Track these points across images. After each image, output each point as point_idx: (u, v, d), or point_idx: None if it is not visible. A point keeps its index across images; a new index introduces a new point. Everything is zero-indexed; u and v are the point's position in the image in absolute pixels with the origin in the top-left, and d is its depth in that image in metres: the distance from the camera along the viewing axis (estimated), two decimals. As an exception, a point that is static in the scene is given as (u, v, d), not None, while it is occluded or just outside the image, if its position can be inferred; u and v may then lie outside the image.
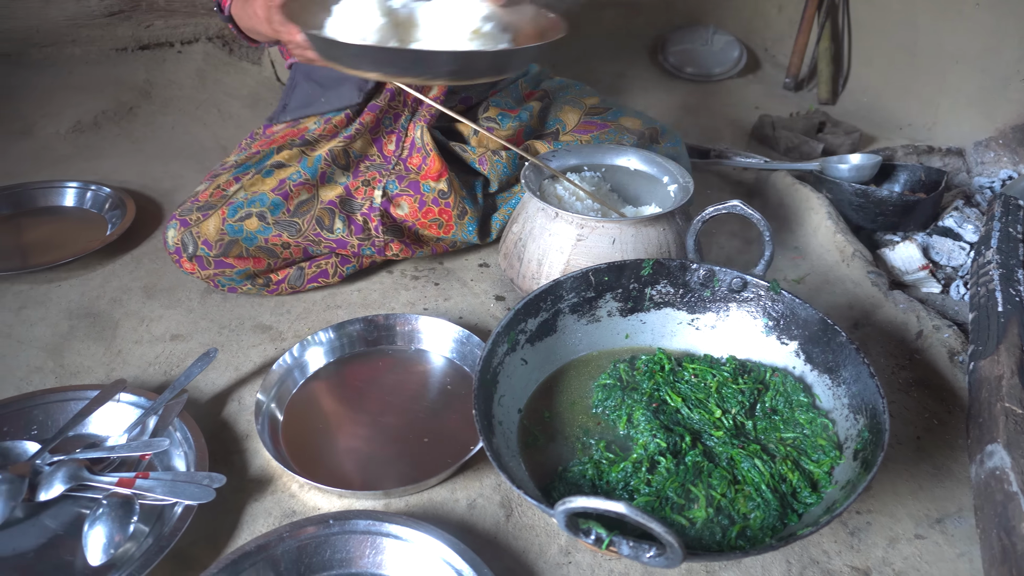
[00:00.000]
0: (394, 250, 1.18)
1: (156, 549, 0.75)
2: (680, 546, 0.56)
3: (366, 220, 1.14)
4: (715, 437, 0.79)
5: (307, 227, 1.12)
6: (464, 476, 0.88)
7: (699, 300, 0.94)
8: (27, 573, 0.76)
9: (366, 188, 1.15)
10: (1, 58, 2.04)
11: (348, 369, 1.02)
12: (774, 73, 2.14)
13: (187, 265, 1.12)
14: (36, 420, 0.93)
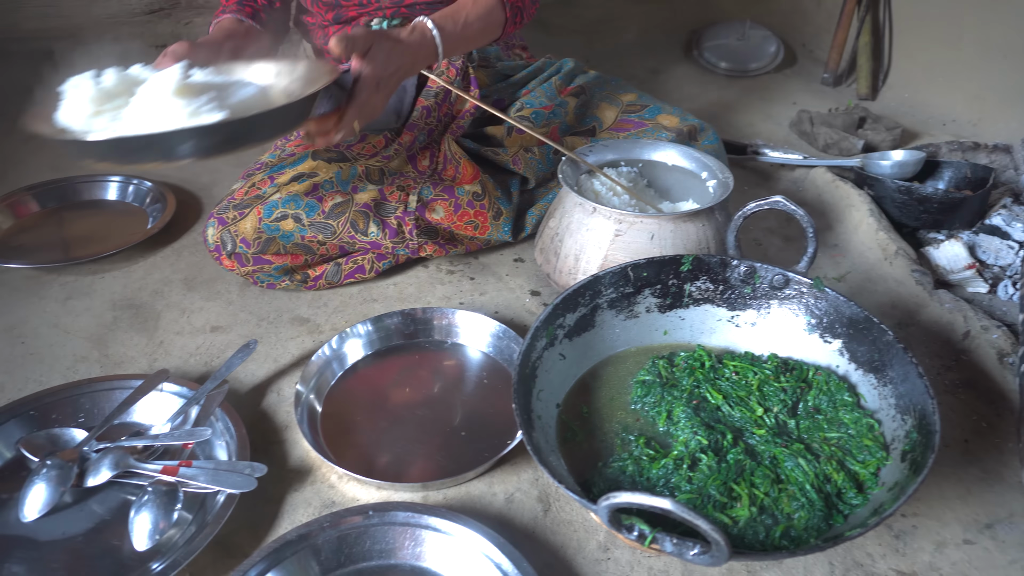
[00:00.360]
0: (428, 251, 1.19)
1: (200, 536, 0.76)
2: (726, 544, 0.55)
3: (400, 224, 1.15)
4: (757, 435, 0.78)
5: (342, 229, 1.13)
6: (501, 470, 0.88)
7: (739, 297, 0.93)
8: (76, 556, 0.78)
9: (400, 192, 1.16)
10: (46, 55, 2.09)
11: (386, 362, 1.03)
12: (812, 68, 2.10)
13: (227, 262, 1.14)
14: (83, 408, 0.95)
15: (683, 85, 2.01)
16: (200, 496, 0.83)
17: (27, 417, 0.92)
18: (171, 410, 0.93)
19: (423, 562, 0.76)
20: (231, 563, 0.77)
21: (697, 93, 1.96)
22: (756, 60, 2.10)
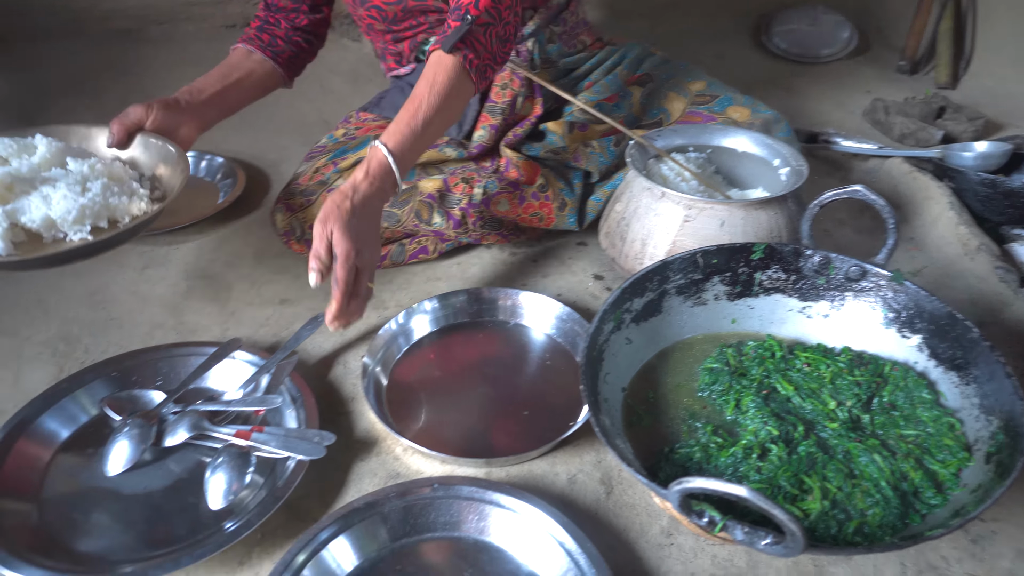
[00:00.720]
0: (491, 240, 1.21)
1: (271, 499, 0.78)
2: (803, 535, 0.54)
3: (464, 215, 1.15)
4: (829, 429, 0.77)
5: (406, 218, 1.14)
6: (564, 451, 0.88)
7: (812, 288, 0.91)
8: (156, 511, 0.81)
9: (465, 184, 1.16)
10: (123, 34, 2.16)
11: (450, 339, 1.04)
12: (887, 55, 2.03)
13: (296, 247, 1.17)
14: (160, 372, 0.99)
15: (750, 72, 1.96)
16: (271, 462, 0.86)
17: (109, 378, 0.96)
18: (243, 377, 0.96)
19: (487, 536, 0.77)
20: (300, 526, 0.80)
21: (765, 80, 1.91)
22: (828, 46, 2.03)
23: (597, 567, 0.70)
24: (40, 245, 0.91)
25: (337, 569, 0.73)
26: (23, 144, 1.00)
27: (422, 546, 0.76)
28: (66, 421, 0.91)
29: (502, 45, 0.98)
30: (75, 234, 0.91)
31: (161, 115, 1.04)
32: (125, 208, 0.95)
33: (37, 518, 0.80)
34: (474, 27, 0.93)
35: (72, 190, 0.91)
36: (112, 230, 0.93)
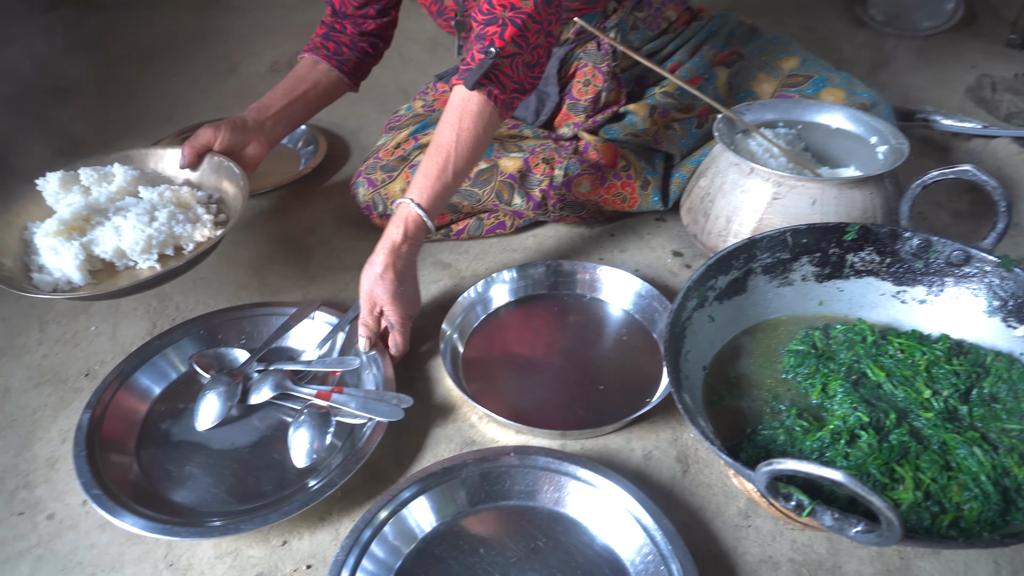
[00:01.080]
0: (570, 221, 1.20)
1: (353, 459, 0.81)
2: (901, 525, 0.52)
3: (544, 196, 1.15)
4: (923, 418, 0.73)
5: (486, 198, 1.15)
6: (640, 427, 0.88)
7: (908, 271, 0.87)
8: (244, 466, 0.85)
9: (546, 165, 1.15)
10: (210, 2, 2.22)
11: (527, 310, 1.04)
12: (995, 28, 1.89)
13: (377, 220, 1.19)
14: (244, 330, 1.03)
15: (843, 45, 1.86)
16: (348, 426, 0.88)
17: (197, 336, 1.01)
18: (320, 337, 0.98)
19: (562, 507, 0.77)
20: (378, 487, 0.82)
21: (859, 55, 1.81)
22: (930, 18, 1.91)
23: (674, 544, 0.70)
24: (113, 273, 0.97)
25: (416, 528, 0.75)
26: (103, 173, 1.05)
27: (498, 513, 0.77)
28: (158, 377, 0.96)
29: (530, 71, 0.93)
30: (143, 262, 0.96)
31: (229, 136, 1.06)
32: (189, 235, 0.98)
33: (136, 470, 0.85)
34: (499, 60, 0.89)
35: (141, 220, 0.96)
36: (177, 258, 0.97)
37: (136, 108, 1.71)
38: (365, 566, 0.71)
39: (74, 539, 0.78)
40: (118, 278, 0.96)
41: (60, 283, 0.93)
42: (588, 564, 0.72)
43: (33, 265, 0.95)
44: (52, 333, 1.06)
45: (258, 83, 1.83)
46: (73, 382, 0.98)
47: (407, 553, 0.73)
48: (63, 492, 0.83)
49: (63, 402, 0.95)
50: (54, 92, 1.76)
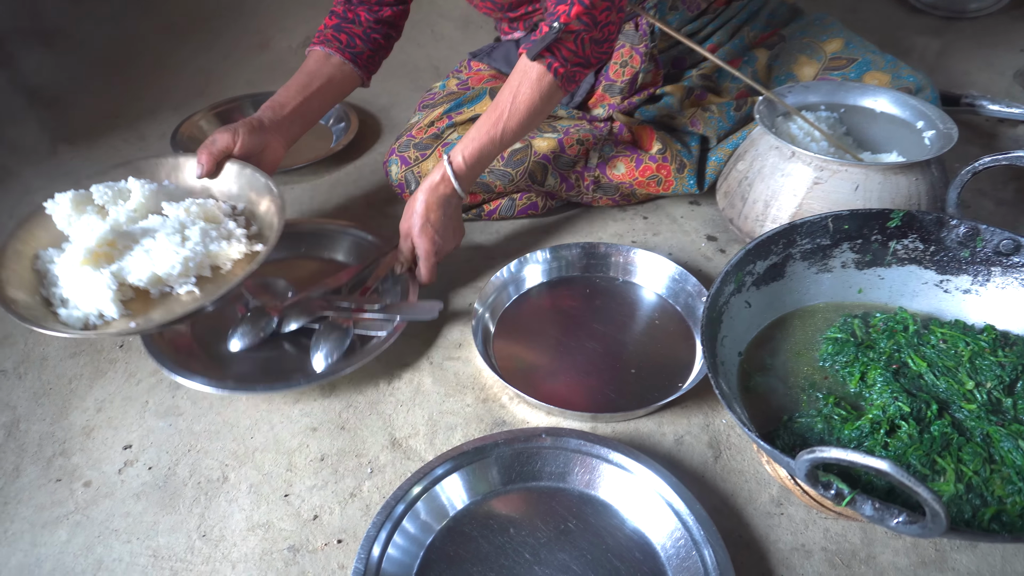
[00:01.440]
0: (602, 203, 1.19)
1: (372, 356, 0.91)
2: (947, 517, 0.51)
3: (578, 178, 1.14)
4: (966, 410, 0.72)
5: (519, 178, 1.14)
6: (671, 411, 0.87)
7: (953, 260, 0.85)
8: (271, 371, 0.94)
9: (580, 147, 1.14)
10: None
11: (560, 291, 1.03)
12: (1044, 11, 1.83)
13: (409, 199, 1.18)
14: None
15: (886, 27, 1.82)
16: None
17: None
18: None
19: (593, 490, 0.77)
20: (409, 465, 0.82)
21: (902, 38, 1.77)
22: (977, 0, 1.85)
23: (707, 530, 0.69)
24: (147, 300, 0.88)
25: (448, 506, 0.75)
26: (117, 190, 0.96)
27: (528, 493, 0.77)
28: None
29: (598, 47, 0.95)
30: (181, 287, 0.88)
31: (247, 138, 1.01)
32: (226, 254, 0.91)
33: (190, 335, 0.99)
34: (562, 35, 0.90)
35: (172, 240, 0.88)
36: (219, 282, 0.90)
37: (169, 82, 1.72)
38: (396, 541, 0.71)
39: (110, 507, 0.80)
40: (154, 306, 0.88)
41: (91, 317, 0.84)
42: (618, 547, 0.72)
43: (54, 298, 0.86)
44: (89, 304, 1.08)
45: (290, 58, 1.83)
46: (108, 352, 0.99)
47: (438, 530, 0.74)
48: (99, 460, 0.85)
49: (98, 372, 0.97)
50: (88, 64, 1.77)
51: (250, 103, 1.55)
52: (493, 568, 0.70)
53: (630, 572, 0.70)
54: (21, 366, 0.97)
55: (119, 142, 1.48)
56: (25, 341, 1.01)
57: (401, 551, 0.71)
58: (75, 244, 0.88)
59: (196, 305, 0.84)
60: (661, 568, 0.70)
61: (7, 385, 0.95)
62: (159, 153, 1.08)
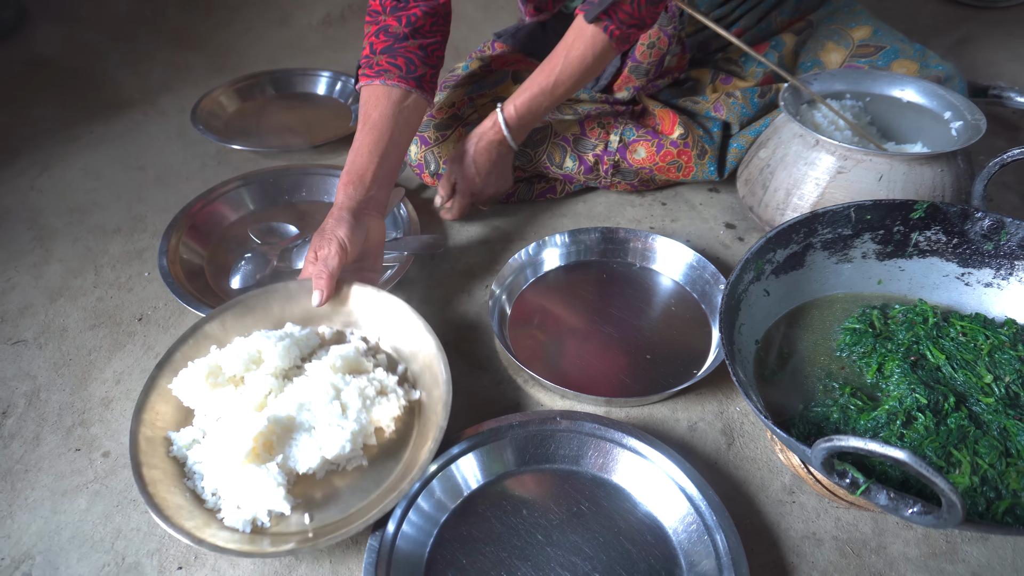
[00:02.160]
0: (620, 188, 1.19)
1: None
2: (963, 508, 0.51)
3: (597, 161, 1.13)
4: (984, 403, 0.72)
5: (538, 159, 1.13)
6: (685, 398, 0.87)
7: (976, 253, 0.84)
8: None
9: (601, 130, 1.13)
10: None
11: (577, 275, 1.03)
12: (1076, 2, 1.80)
13: (428, 179, 1.18)
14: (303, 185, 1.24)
15: (915, 16, 1.79)
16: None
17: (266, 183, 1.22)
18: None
19: (606, 473, 0.77)
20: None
21: (930, 26, 1.74)
22: (1007, -11, 1.82)
23: (719, 516, 0.69)
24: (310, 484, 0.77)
25: (463, 485, 0.76)
26: (248, 357, 0.83)
27: (542, 475, 0.78)
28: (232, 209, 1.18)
29: (653, 7, 0.96)
30: (351, 465, 0.78)
31: (353, 238, 0.87)
32: (388, 414, 0.80)
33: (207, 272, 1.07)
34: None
35: (332, 412, 0.78)
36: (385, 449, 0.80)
37: (188, 57, 1.72)
38: (411, 518, 0.72)
39: (128, 477, 0.81)
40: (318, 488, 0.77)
41: (258, 517, 0.72)
42: (630, 530, 0.72)
43: (203, 494, 0.74)
44: (107, 277, 1.09)
45: (310, 35, 1.83)
46: (127, 325, 1.00)
47: (452, 508, 0.74)
48: (117, 432, 0.86)
49: (117, 344, 0.98)
50: (107, 37, 1.78)
51: (269, 80, 1.55)
52: (505, 548, 0.71)
53: (641, 555, 0.70)
54: (42, 336, 0.99)
55: (139, 115, 1.49)
56: (46, 312, 1.02)
57: (416, 528, 0.72)
58: (226, 435, 0.75)
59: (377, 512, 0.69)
60: (672, 552, 0.71)
61: (28, 355, 0.96)
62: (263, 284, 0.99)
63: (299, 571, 0.72)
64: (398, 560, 0.69)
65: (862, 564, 0.71)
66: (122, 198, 1.25)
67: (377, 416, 0.80)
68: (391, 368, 0.86)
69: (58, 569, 0.72)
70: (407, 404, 0.83)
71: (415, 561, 0.70)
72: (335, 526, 0.71)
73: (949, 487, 0.50)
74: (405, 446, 0.80)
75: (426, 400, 0.82)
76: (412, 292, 1.04)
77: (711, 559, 0.68)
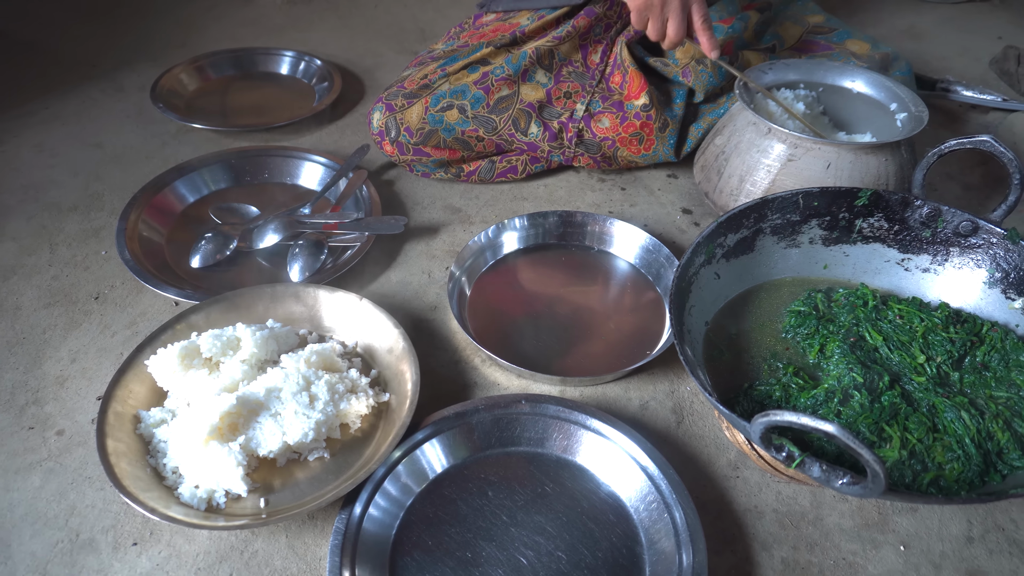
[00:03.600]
0: (582, 162, 1.20)
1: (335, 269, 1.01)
2: (886, 477, 0.54)
3: (562, 129, 1.14)
4: (916, 382, 0.75)
5: (503, 126, 1.14)
6: (638, 377, 0.90)
7: (915, 239, 0.87)
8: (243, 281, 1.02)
9: (567, 99, 1.15)
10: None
11: (535, 258, 1.05)
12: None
13: (388, 148, 1.18)
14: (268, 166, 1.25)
15: (868, 7, 1.83)
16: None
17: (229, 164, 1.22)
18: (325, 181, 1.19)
19: (570, 455, 0.79)
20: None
21: (884, 19, 1.79)
22: (959, -14, 1.87)
23: (678, 493, 0.72)
24: (271, 469, 0.79)
25: (428, 469, 0.77)
26: (226, 340, 0.85)
27: (507, 458, 0.79)
28: (192, 189, 1.17)
29: None
30: (311, 455, 0.80)
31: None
32: (355, 411, 0.82)
33: (166, 251, 1.07)
34: None
35: (300, 401, 0.79)
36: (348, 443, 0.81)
37: (149, 31, 1.69)
38: (377, 501, 0.73)
39: (83, 455, 0.81)
40: (277, 475, 0.78)
41: (216, 496, 0.74)
42: (593, 509, 0.74)
43: (165, 471, 0.76)
44: (62, 255, 1.07)
45: (274, 13, 1.80)
46: (83, 304, 0.99)
47: (418, 492, 0.75)
48: (72, 410, 0.86)
49: (73, 323, 0.97)
50: (65, 9, 1.73)
51: (232, 59, 1.54)
52: (471, 529, 0.72)
53: (603, 534, 0.72)
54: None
55: (96, 92, 1.46)
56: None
57: (382, 511, 0.73)
58: (193, 414, 0.77)
59: (341, 488, 0.72)
60: (634, 530, 0.73)
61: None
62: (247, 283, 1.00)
63: (255, 546, 0.73)
64: (364, 541, 0.70)
65: (799, 535, 0.74)
66: (78, 176, 1.23)
67: (344, 411, 0.81)
68: (365, 372, 0.88)
69: (10, 546, 0.72)
70: (376, 405, 0.84)
71: (381, 542, 0.71)
72: (289, 508, 0.73)
73: (873, 457, 0.53)
74: (369, 443, 0.82)
75: (394, 404, 0.84)
76: (372, 272, 1.04)
77: (670, 536, 0.70)
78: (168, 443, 0.77)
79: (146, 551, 0.72)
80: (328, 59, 1.55)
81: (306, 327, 0.93)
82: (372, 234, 1.04)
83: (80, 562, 0.71)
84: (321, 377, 0.82)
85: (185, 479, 0.75)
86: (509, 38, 1.17)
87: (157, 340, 0.86)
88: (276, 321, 0.91)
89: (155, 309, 0.98)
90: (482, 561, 0.70)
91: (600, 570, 0.69)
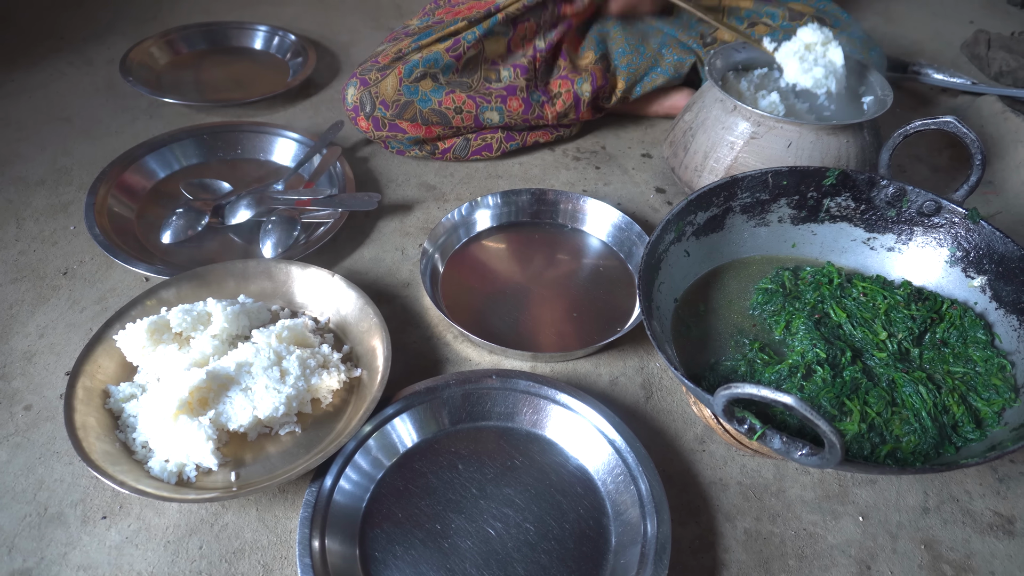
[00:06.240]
0: (557, 108, 1.20)
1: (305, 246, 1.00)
2: (842, 448, 0.56)
3: (531, 62, 1.19)
4: (877, 358, 0.77)
5: (477, 83, 1.15)
6: (608, 354, 0.91)
7: (880, 219, 0.89)
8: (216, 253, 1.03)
9: (525, 42, 1.20)
10: None
11: (509, 235, 1.06)
12: (997, -15, 1.88)
13: (363, 124, 1.17)
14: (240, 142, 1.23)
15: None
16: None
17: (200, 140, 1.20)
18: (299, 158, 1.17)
19: (539, 429, 0.80)
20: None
21: (859, 3, 1.80)
22: (934, -31, 1.89)
23: (644, 465, 0.73)
24: (241, 443, 0.78)
25: (399, 443, 0.78)
26: (196, 315, 0.85)
27: (477, 432, 0.80)
28: (163, 165, 1.16)
29: None
30: (282, 429, 0.79)
31: None
32: (326, 386, 0.82)
33: (136, 227, 1.05)
34: None
35: (271, 376, 0.79)
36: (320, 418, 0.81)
37: (119, 3, 1.65)
38: (348, 474, 0.73)
39: (51, 430, 0.80)
40: (248, 449, 0.78)
41: (186, 470, 0.74)
42: (561, 482, 0.76)
43: (134, 445, 0.76)
44: (29, 230, 1.06)
45: (247, -12, 1.77)
46: (51, 279, 0.98)
47: (389, 466, 0.76)
48: (40, 385, 0.85)
49: (41, 298, 0.96)
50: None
51: (204, 32, 1.51)
52: (440, 501, 0.73)
53: (571, 506, 0.74)
54: (-40, 289, 0.96)
55: (64, 65, 1.43)
56: (-36, 264, 0.99)
57: (352, 484, 0.74)
58: (163, 388, 0.77)
59: (313, 462, 0.73)
60: (601, 502, 0.74)
61: (-55, 308, 0.93)
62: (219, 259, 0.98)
63: (225, 519, 0.74)
64: (334, 513, 0.71)
65: (762, 506, 0.76)
66: (46, 150, 1.21)
67: (316, 386, 0.81)
68: (337, 347, 0.88)
69: (-22, 519, 0.72)
70: (347, 380, 0.84)
71: (351, 514, 0.72)
72: (260, 482, 0.73)
73: (829, 428, 0.55)
74: (340, 417, 0.82)
75: (366, 380, 0.84)
76: (346, 249, 1.04)
77: (636, 507, 0.71)
78: (138, 418, 0.77)
79: (115, 524, 0.72)
80: (302, 34, 1.53)
81: (278, 303, 0.93)
82: (345, 210, 1.04)
83: (48, 535, 0.71)
84: (292, 352, 0.82)
85: (155, 453, 0.74)
86: (484, 14, 1.16)
87: (127, 315, 0.85)
88: (248, 297, 0.91)
89: (125, 285, 0.98)
90: (451, 533, 0.71)
91: (567, 540, 0.71)
